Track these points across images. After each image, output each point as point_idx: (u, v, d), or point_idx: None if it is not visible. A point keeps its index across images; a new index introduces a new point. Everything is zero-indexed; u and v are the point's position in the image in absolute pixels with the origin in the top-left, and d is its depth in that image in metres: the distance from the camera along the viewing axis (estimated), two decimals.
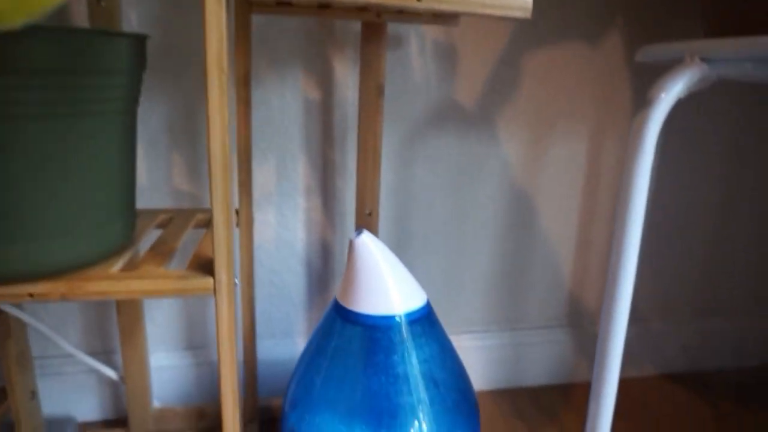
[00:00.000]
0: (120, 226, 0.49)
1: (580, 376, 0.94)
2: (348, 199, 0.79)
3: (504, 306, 0.90)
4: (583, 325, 0.93)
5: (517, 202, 0.85)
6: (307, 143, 0.76)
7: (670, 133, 0.87)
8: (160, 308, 0.78)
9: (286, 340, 0.83)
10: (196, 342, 0.81)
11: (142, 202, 0.74)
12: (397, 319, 0.54)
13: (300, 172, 0.77)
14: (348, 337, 0.55)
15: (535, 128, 0.82)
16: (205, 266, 0.49)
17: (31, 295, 0.45)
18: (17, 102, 0.39)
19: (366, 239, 0.55)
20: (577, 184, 0.86)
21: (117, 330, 0.78)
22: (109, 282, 0.46)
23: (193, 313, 0.80)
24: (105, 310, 0.77)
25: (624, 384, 0.93)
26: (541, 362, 0.92)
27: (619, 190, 0.53)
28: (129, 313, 0.71)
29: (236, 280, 0.47)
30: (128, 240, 0.53)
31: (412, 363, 0.54)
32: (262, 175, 0.76)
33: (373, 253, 0.55)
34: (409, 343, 0.54)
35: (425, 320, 0.56)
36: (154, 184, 0.73)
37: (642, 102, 0.52)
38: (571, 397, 0.90)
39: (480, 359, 0.89)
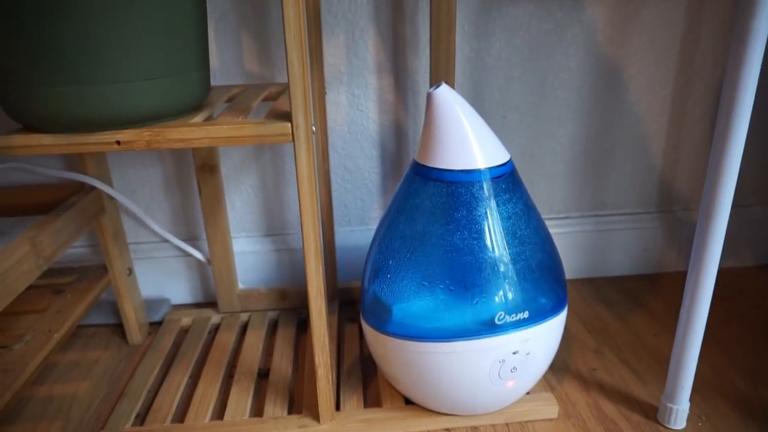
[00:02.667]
0: (196, 80, 0.49)
1: (670, 265, 0.89)
2: (421, 77, 0.76)
3: (587, 190, 0.85)
4: (674, 210, 0.87)
5: (602, 73, 0.78)
6: (377, 17, 0.73)
7: None
8: (238, 194, 0.80)
9: (361, 227, 0.83)
10: (275, 228, 0.82)
11: (213, 83, 0.74)
12: (480, 174, 0.52)
13: (370, 48, 0.74)
14: (429, 194, 0.53)
15: None
16: (283, 116, 0.48)
17: (118, 142, 0.45)
18: None
19: (445, 91, 0.52)
20: (672, 51, 0.77)
21: (200, 217, 0.80)
22: (191, 129, 0.46)
23: (270, 199, 0.81)
24: (188, 197, 0.79)
25: (720, 273, 0.87)
26: (627, 251, 0.87)
27: (732, 48, 0.46)
28: (210, 197, 0.72)
29: (313, 128, 0.46)
30: (205, 98, 0.53)
31: (496, 219, 0.52)
32: (331, 53, 0.74)
33: (453, 106, 0.51)
34: (493, 199, 0.52)
35: (509, 177, 0.54)
36: (225, 64, 0.73)
37: None
38: (659, 287, 0.86)
39: (561, 247, 0.86)
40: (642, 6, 0.75)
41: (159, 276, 0.82)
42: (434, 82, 0.67)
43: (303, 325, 0.78)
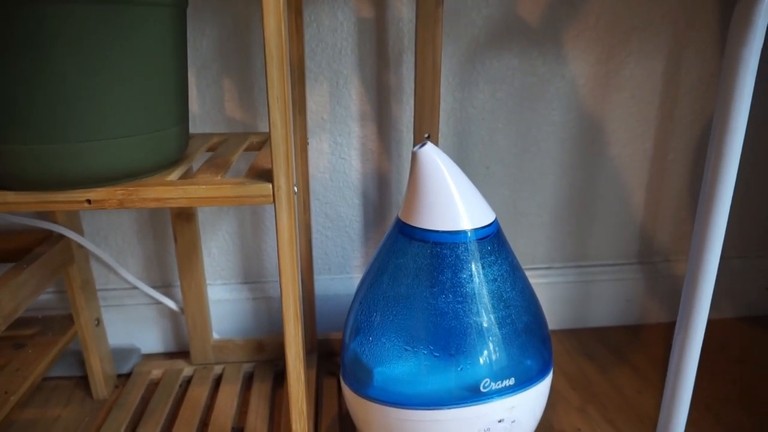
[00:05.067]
0: (174, 135, 0.47)
1: (652, 317, 0.89)
2: (404, 126, 0.75)
3: (570, 241, 0.84)
4: (655, 262, 0.87)
5: (585, 127, 0.78)
6: (361, 66, 0.72)
7: None
8: (215, 240, 0.78)
9: (342, 275, 0.81)
10: (252, 276, 0.80)
11: (193, 130, 0.72)
12: (466, 235, 0.50)
13: (354, 96, 0.73)
14: (413, 255, 0.51)
15: (605, 45, 0.75)
16: (263, 175, 0.46)
17: (89, 201, 0.43)
18: None
19: (430, 150, 0.51)
20: (652, 106, 0.79)
21: (175, 263, 0.78)
22: (167, 189, 0.44)
23: (248, 246, 0.78)
24: (163, 243, 0.77)
25: None
26: (609, 302, 0.87)
27: (719, 101, 0.46)
28: (186, 244, 0.70)
29: (295, 188, 0.44)
30: (183, 153, 0.51)
31: (482, 281, 0.51)
32: (314, 101, 0.73)
33: (439, 165, 0.51)
34: (478, 261, 0.51)
35: (494, 238, 0.52)
36: (206, 111, 0.71)
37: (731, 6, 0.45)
38: (642, 338, 0.85)
39: (543, 297, 0.85)
40: (623, 63, 0.76)
41: (129, 324, 0.79)
42: (418, 133, 0.66)
43: (279, 378, 0.75)
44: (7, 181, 0.42)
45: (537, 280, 0.85)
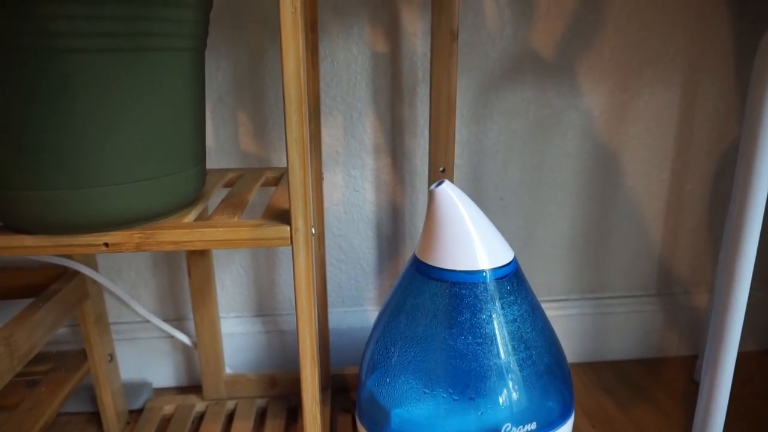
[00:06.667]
0: (191, 176, 0.47)
1: (671, 350, 0.87)
2: (419, 158, 0.75)
3: (586, 272, 0.83)
4: (674, 293, 0.85)
5: (600, 158, 0.78)
6: (375, 99, 0.72)
7: None
8: (228, 273, 0.77)
9: (355, 308, 0.81)
10: (266, 309, 0.79)
11: (208, 164, 0.72)
12: (484, 275, 0.50)
13: (368, 129, 0.73)
14: (430, 294, 0.51)
15: (620, 76, 0.75)
16: (281, 216, 0.46)
17: (106, 244, 0.43)
18: (82, 33, 0.37)
19: (448, 189, 0.50)
20: (668, 137, 0.78)
21: (189, 296, 0.77)
22: (184, 231, 0.44)
23: (261, 279, 0.78)
24: (176, 276, 0.76)
25: None
26: (627, 334, 0.85)
27: (745, 130, 0.46)
28: (199, 277, 0.69)
29: (312, 230, 0.44)
30: (199, 193, 0.51)
31: (501, 322, 0.50)
32: (329, 134, 0.73)
33: (456, 204, 0.50)
34: (497, 302, 0.50)
35: (513, 277, 0.52)
36: (221, 144, 0.72)
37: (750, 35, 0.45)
38: (661, 373, 0.83)
39: (559, 330, 0.84)
40: (638, 94, 0.75)
41: (141, 358, 0.78)
42: (433, 166, 0.66)
43: (293, 414, 0.73)
44: (25, 225, 0.42)
45: (553, 313, 0.83)
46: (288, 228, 0.44)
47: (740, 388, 0.78)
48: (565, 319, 0.83)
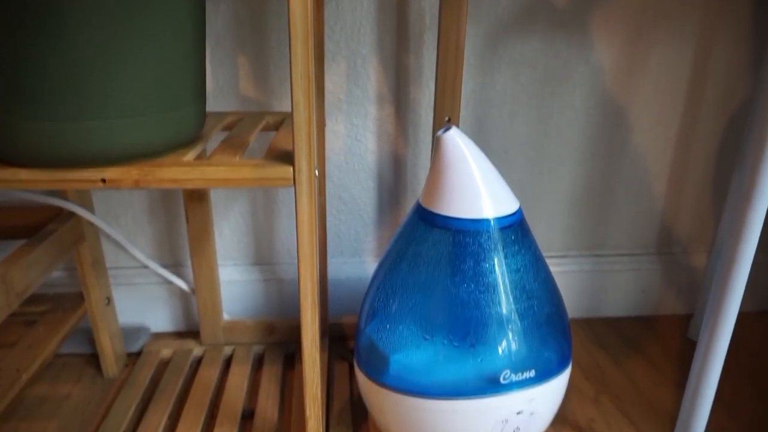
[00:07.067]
0: (191, 114, 0.45)
1: (668, 308, 0.87)
2: (423, 109, 0.73)
3: (587, 229, 0.83)
4: (674, 253, 0.85)
5: (607, 114, 0.76)
6: (380, 46, 0.70)
7: None
8: (227, 221, 0.76)
9: (354, 259, 0.80)
10: (264, 258, 0.79)
11: (207, 107, 0.70)
12: (489, 223, 0.49)
13: (372, 77, 0.71)
14: (433, 242, 0.50)
15: (632, 30, 0.72)
16: (283, 156, 0.45)
17: (103, 180, 0.42)
18: None
19: (455, 135, 0.49)
20: (678, 95, 0.76)
21: (186, 243, 0.77)
22: (183, 169, 0.43)
23: (260, 227, 0.77)
24: (174, 223, 0.76)
25: None
26: (625, 292, 0.86)
27: (761, 89, 0.44)
28: (198, 225, 0.69)
29: (316, 172, 0.43)
30: (199, 133, 0.49)
31: (504, 271, 0.49)
32: (331, 81, 0.71)
33: (463, 151, 0.49)
34: (501, 251, 0.49)
35: (518, 227, 0.51)
36: (221, 88, 0.70)
37: None
38: (657, 330, 0.84)
39: (559, 285, 0.83)
40: (650, 48, 0.73)
41: (139, 303, 0.78)
42: (439, 116, 0.65)
43: (290, 361, 0.74)
44: (20, 159, 0.41)
45: (552, 268, 0.83)
46: (291, 168, 0.43)
47: (735, 347, 0.79)
48: (563, 275, 0.83)
